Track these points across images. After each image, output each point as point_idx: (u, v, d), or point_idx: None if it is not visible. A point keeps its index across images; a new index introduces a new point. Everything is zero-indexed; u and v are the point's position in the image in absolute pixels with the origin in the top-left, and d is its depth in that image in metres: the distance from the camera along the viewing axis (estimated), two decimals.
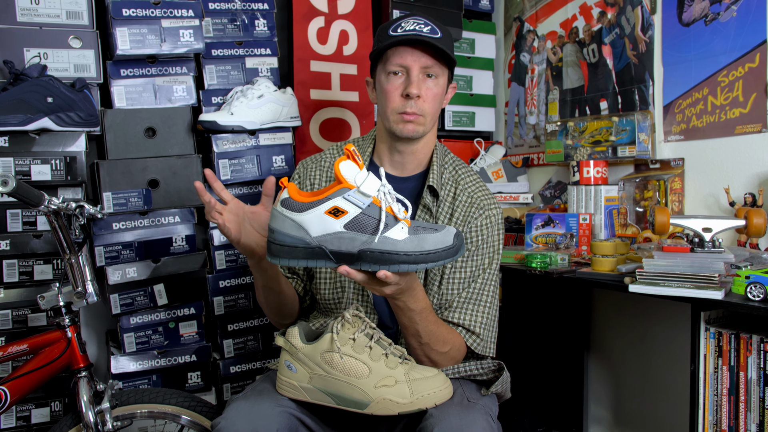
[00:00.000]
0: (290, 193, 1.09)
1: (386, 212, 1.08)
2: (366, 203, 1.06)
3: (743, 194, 1.76)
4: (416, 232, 1.09)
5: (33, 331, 1.71)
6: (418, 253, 1.07)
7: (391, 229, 1.07)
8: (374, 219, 1.07)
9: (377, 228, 1.07)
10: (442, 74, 1.42)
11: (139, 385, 1.87)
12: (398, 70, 1.40)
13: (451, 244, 1.09)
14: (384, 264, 1.07)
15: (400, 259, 1.07)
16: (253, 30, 2.01)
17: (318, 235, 1.07)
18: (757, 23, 1.76)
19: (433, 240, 1.08)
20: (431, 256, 1.08)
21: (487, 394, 1.37)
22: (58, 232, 1.42)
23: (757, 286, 1.33)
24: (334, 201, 1.06)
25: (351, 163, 1.07)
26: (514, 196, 2.41)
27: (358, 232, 1.07)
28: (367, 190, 1.07)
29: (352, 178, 1.07)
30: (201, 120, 1.88)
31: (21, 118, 1.62)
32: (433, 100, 1.41)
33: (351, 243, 1.07)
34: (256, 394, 1.30)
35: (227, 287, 1.97)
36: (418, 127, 1.41)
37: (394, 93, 1.40)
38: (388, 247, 1.07)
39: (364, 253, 1.07)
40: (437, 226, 1.13)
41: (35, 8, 1.73)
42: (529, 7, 2.53)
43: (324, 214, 1.06)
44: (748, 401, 1.38)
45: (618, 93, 2.16)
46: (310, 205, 1.06)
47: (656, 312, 2.08)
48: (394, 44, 1.38)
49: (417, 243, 1.07)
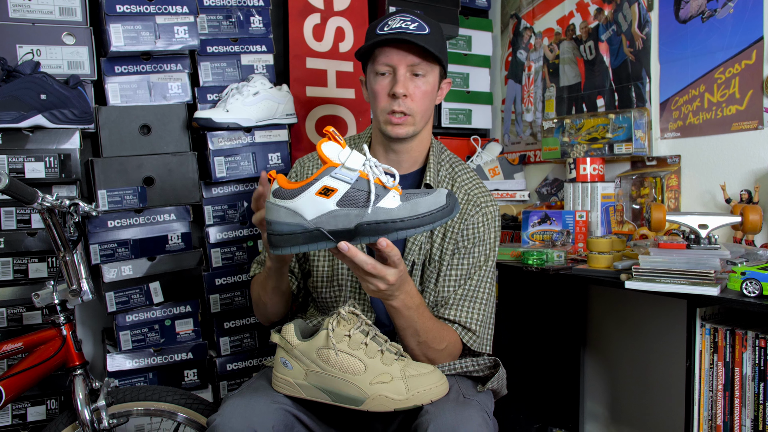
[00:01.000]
0: (280, 183, 1.10)
1: (375, 183, 1.09)
2: (353, 178, 1.07)
3: (739, 191, 1.76)
4: (408, 198, 1.10)
5: (28, 329, 1.71)
6: (414, 216, 1.08)
7: (383, 199, 1.08)
8: (364, 192, 1.08)
9: (368, 200, 1.08)
10: (431, 71, 1.41)
11: (136, 383, 1.87)
12: (385, 70, 1.39)
13: (444, 204, 1.10)
14: (382, 234, 1.09)
15: (397, 226, 1.08)
16: (249, 27, 2.00)
17: (313, 218, 1.08)
18: (754, 20, 1.76)
19: (426, 203, 1.09)
20: (427, 218, 1.09)
21: (483, 390, 1.37)
22: (53, 229, 1.41)
23: (752, 282, 1.34)
24: (323, 181, 1.07)
25: (333, 143, 1.09)
26: (511, 193, 2.41)
27: (351, 207, 1.08)
28: (353, 165, 1.08)
29: (336, 156, 1.08)
30: (196, 117, 1.87)
31: (14, 116, 1.61)
32: (422, 98, 1.40)
33: (346, 219, 1.08)
34: (251, 391, 1.29)
35: (223, 285, 1.97)
36: (408, 127, 1.40)
37: (382, 93, 1.40)
38: (382, 216, 1.08)
39: (361, 226, 1.08)
40: (428, 191, 1.14)
41: (28, 4, 1.72)
42: (525, 4, 2.53)
43: (315, 196, 1.07)
44: (743, 397, 1.38)
45: (615, 90, 2.16)
46: (301, 190, 1.08)
47: (652, 308, 2.09)
48: (378, 44, 1.38)
49: (411, 208, 1.09)
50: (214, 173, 1.91)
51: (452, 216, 1.12)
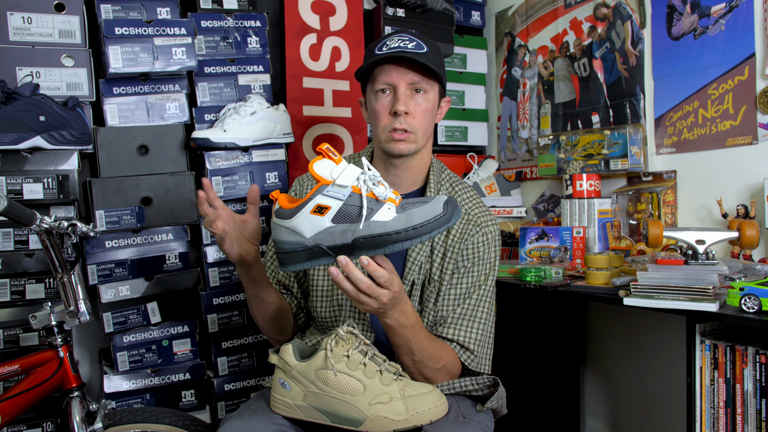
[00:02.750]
0: (281, 203, 1.12)
1: (368, 198, 1.09)
2: (346, 194, 1.09)
3: (736, 206, 1.77)
4: (404, 209, 1.11)
5: (25, 351, 1.70)
6: (410, 228, 1.09)
7: (377, 213, 1.09)
8: (357, 207, 1.09)
9: (360, 215, 1.09)
10: (431, 89, 1.42)
11: (133, 405, 1.85)
12: (385, 88, 1.40)
13: (441, 213, 1.10)
14: (379, 247, 1.09)
15: (393, 239, 1.09)
16: (246, 47, 2.02)
17: (312, 235, 1.10)
18: (746, 36, 1.78)
19: (421, 213, 1.09)
20: (423, 228, 1.09)
21: (483, 410, 1.36)
22: (50, 251, 1.41)
23: (751, 298, 1.34)
24: (316, 200, 1.09)
25: (326, 161, 1.10)
26: (508, 210, 2.41)
27: (346, 223, 1.09)
28: (344, 182, 1.09)
29: (329, 173, 1.09)
30: (194, 137, 1.88)
31: (13, 137, 1.62)
32: (423, 115, 1.41)
33: (343, 235, 1.10)
34: (250, 412, 1.28)
35: (221, 304, 1.96)
36: (410, 144, 1.40)
37: (383, 111, 1.40)
38: (377, 230, 1.09)
39: (357, 241, 1.09)
40: (426, 198, 1.14)
41: (28, 27, 1.73)
42: (519, 23, 2.55)
43: (310, 214, 1.09)
44: (745, 413, 1.38)
45: (609, 106, 2.17)
46: (297, 210, 1.10)
47: (651, 325, 2.08)
48: (378, 62, 1.39)
49: (405, 219, 1.09)
50: None
51: (451, 223, 1.11)
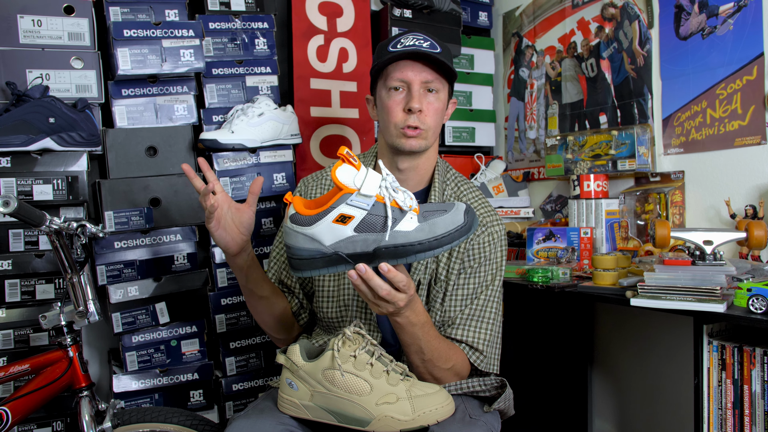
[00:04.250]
0: (296, 207, 1.10)
1: (392, 207, 1.08)
2: (370, 203, 1.07)
3: (744, 206, 1.76)
4: (426, 218, 1.09)
5: (35, 351, 1.71)
6: (432, 239, 1.08)
7: (401, 222, 1.08)
8: (381, 216, 1.08)
9: (386, 225, 1.07)
10: (443, 89, 1.43)
11: (141, 404, 1.86)
12: (399, 86, 1.40)
13: (462, 223, 1.09)
14: (401, 257, 1.08)
15: (416, 249, 1.08)
16: (253, 49, 2.03)
17: (331, 243, 1.08)
18: (754, 36, 1.77)
19: (443, 223, 1.09)
20: (445, 239, 1.08)
21: (490, 410, 1.36)
22: (60, 251, 1.42)
23: (759, 299, 1.33)
24: (339, 209, 1.06)
25: (347, 167, 1.07)
26: (515, 210, 2.41)
27: (369, 233, 1.08)
28: (368, 191, 1.07)
29: (351, 181, 1.07)
30: (202, 138, 1.89)
31: (23, 139, 1.64)
32: (435, 114, 1.42)
33: (365, 244, 1.08)
34: (257, 412, 1.29)
35: (229, 305, 1.97)
36: (421, 141, 1.41)
37: (396, 108, 1.41)
38: (400, 240, 1.07)
39: (380, 250, 1.08)
40: (446, 206, 1.13)
41: (38, 30, 1.75)
42: (527, 23, 2.55)
43: (332, 223, 1.07)
44: (752, 414, 1.37)
45: (617, 107, 2.17)
46: (318, 217, 1.07)
47: (659, 325, 2.07)
48: (395, 58, 1.39)
49: (429, 229, 1.08)
50: None
51: (470, 234, 1.11)
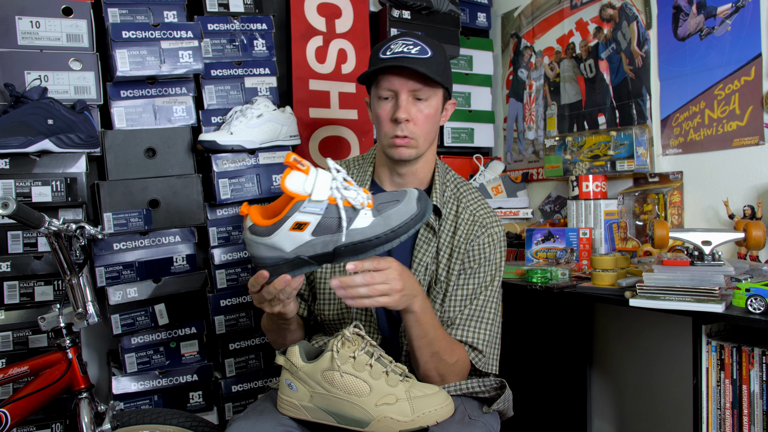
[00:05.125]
0: (253, 219, 1.09)
1: (345, 207, 1.09)
2: (323, 207, 1.08)
3: (742, 207, 1.76)
4: (380, 211, 1.12)
5: (34, 353, 1.71)
6: (389, 231, 1.11)
7: (356, 220, 1.10)
8: (336, 218, 1.10)
9: (340, 226, 1.09)
10: (434, 95, 1.41)
11: (141, 406, 1.86)
12: (387, 95, 1.40)
13: (416, 211, 1.12)
14: (360, 253, 1.11)
15: (373, 243, 1.11)
16: (252, 50, 2.03)
17: (292, 249, 1.10)
18: (752, 37, 1.77)
19: (397, 214, 1.11)
20: (401, 229, 1.11)
21: (489, 411, 1.36)
22: (59, 253, 1.42)
23: (757, 299, 1.33)
24: (294, 217, 1.07)
25: (296, 173, 1.07)
26: (514, 211, 2.41)
27: (326, 235, 1.10)
28: (319, 196, 1.07)
29: (301, 188, 1.07)
30: (201, 140, 1.89)
31: (22, 141, 1.64)
32: (425, 122, 1.40)
33: (324, 245, 1.10)
34: (257, 413, 1.29)
35: (228, 306, 1.97)
36: (411, 150, 1.41)
37: (385, 117, 1.41)
38: (358, 237, 1.10)
39: (339, 249, 1.10)
40: (398, 194, 1.15)
41: (36, 32, 1.75)
42: (525, 24, 2.55)
43: (289, 231, 1.08)
44: (751, 414, 1.37)
45: (615, 107, 2.17)
46: (275, 227, 1.08)
47: (658, 325, 2.08)
48: (379, 71, 1.39)
49: (384, 223, 1.11)
50: (219, 195, 1.93)
51: (426, 218, 1.14)
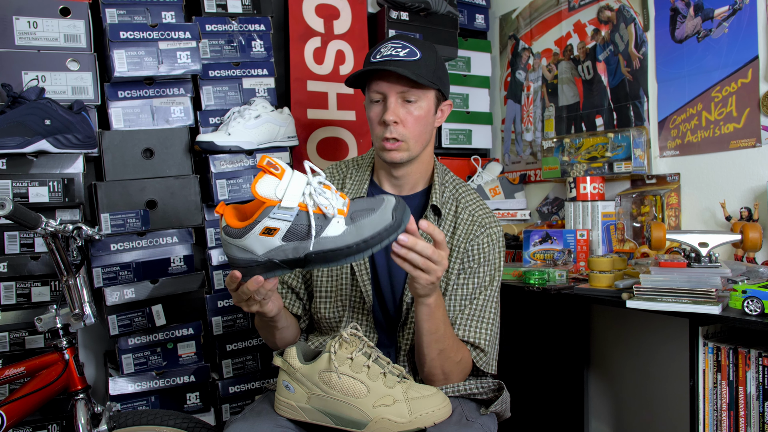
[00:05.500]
0: (227, 220, 1.08)
1: (315, 214, 1.06)
2: (293, 214, 1.05)
3: (739, 208, 1.77)
4: (354, 219, 1.08)
5: (30, 354, 1.71)
6: (360, 241, 1.07)
7: (327, 228, 1.07)
8: (306, 225, 1.07)
9: (309, 234, 1.07)
10: (424, 97, 1.40)
11: (138, 407, 1.86)
12: (378, 98, 1.41)
13: (390, 222, 1.08)
14: (331, 261, 1.08)
15: (344, 252, 1.07)
16: (250, 51, 2.03)
17: (263, 253, 1.08)
18: (749, 39, 1.78)
19: (371, 224, 1.08)
20: (374, 239, 1.08)
21: (487, 413, 1.36)
22: (56, 254, 1.42)
23: (754, 301, 1.33)
24: (263, 222, 1.05)
25: (268, 177, 1.05)
26: (512, 212, 2.41)
27: (296, 241, 1.07)
28: (290, 203, 1.04)
29: (273, 193, 1.04)
30: (198, 140, 1.89)
31: (19, 141, 1.63)
32: (415, 123, 1.40)
33: (295, 251, 1.08)
34: (254, 415, 1.29)
35: (226, 307, 1.97)
36: (402, 153, 1.41)
37: (375, 120, 1.41)
38: (329, 245, 1.07)
39: (310, 256, 1.08)
40: (375, 202, 1.11)
41: (33, 32, 1.75)
42: (523, 26, 2.56)
43: (260, 236, 1.06)
44: (747, 416, 1.37)
45: (613, 109, 2.17)
46: (245, 230, 1.06)
47: (655, 327, 2.08)
48: (367, 74, 1.39)
49: (356, 232, 1.07)
50: (216, 196, 1.92)
51: (401, 230, 1.10)
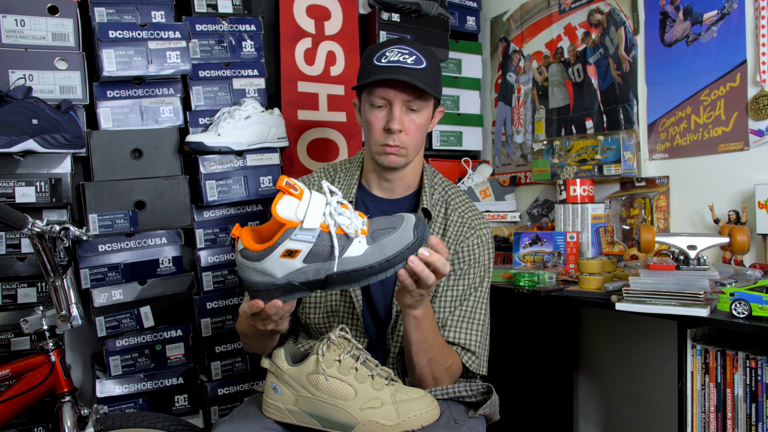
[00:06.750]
0: (245, 242, 1.06)
1: (337, 235, 1.05)
2: (314, 235, 1.03)
3: (727, 211, 1.78)
4: (375, 238, 1.07)
5: (16, 356, 1.69)
6: (383, 260, 1.06)
7: (349, 249, 1.05)
8: (328, 246, 1.05)
9: (332, 255, 1.05)
10: (426, 106, 1.40)
11: (125, 409, 1.85)
12: (381, 104, 1.39)
13: (412, 240, 1.07)
14: (354, 282, 1.07)
15: (366, 273, 1.06)
16: (241, 51, 2.02)
17: (283, 275, 1.06)
18: (737, 43, 1.79)
19: (393, 243, 1.07)
20: (396, 258, 1.07)
21: (475, 416, 1.36)
22: (42, 254, 1.41)
23: (741, 303, 1.34)
24: (285, 245, 1.03)
25: (288, 198, 1.03)
26: (502, 214, 2.42)
27: (318, 262, 1.05)
28: (311, 224, 1.03)
29: (293, 214, 1.03)
30: (188, 141, 1.88)
31: (5, 140, 1.62)
32: (416, 131, 1.40)
33: (316, 273, 1.06)
34: (242, 417, 1.28)
35: (215, 308, 1.96)
36: (401, 158, 1.40)
37: (377, 125, 1.40)
38: (351, 266, 1.05)
39: (332, 277, 1.06)
40: (395, 221, 1.10)
41: (21, 30, 1.73)
42: (514, 28, 2.56)
43: (280, 258, 1.04)
44: (735, 418, 1.38)
45: (603, 112, 2.18)
46: (265, 253, 1.04)
47: (644, 329, 2.09)
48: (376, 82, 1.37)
49: (378, 251, 1.06)
50: (206, 197, 1.91)
51: (423, 246, 1.10)
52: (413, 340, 1.28)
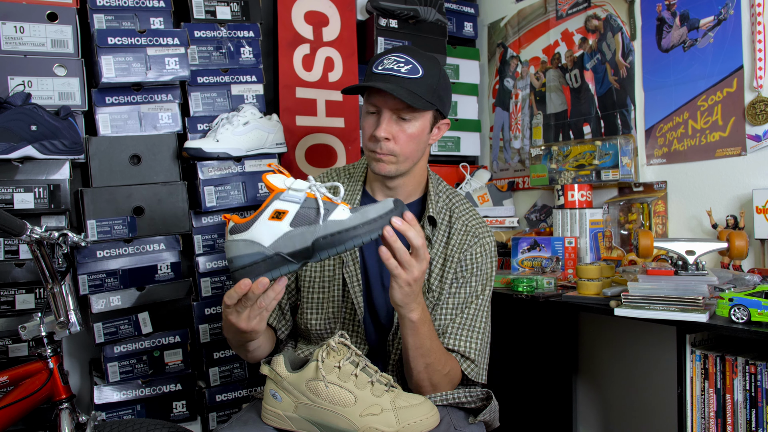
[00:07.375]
0: (235, 221, 1.13)
1: (323, 200, 1.13)
2: (302, 198, 1.12)
3: (725, 216, 1.78)
4: (357, 209, 1.14)
5: (14, 362, 1.68)
6: (365, 223, 1.12)
7: (333, 213, 1.12)
8: (314, 209, 1.12)
9: (318, 214, 1.11)
10: (419, 116, 1.38)
11: (123, 416, 1.84)
12: (373, 110, 1.40)
13: (392, 207, 1.14)
14: (339, 245, 1.11)
15: (350, 234, 1.11)
16: (239, 57, 2.02)
17: (271, 243, 1.10)
18: (734, 49, 1.80)
19: (374, 209, 1.13)
20: (378, 221, 1.12)
21: (475, 422, 1.36)
22: (41, 261, 1.40)
23: (740, 309, 1.34)
24: (273, 205, 1.11)
25: (279, 175, 1.14)
26: (500, 220, 2.42)
27: (304, 225, 1.11)
28: (299, 187, 1.12)
29: (282, 183, 1.13)
30: (186, 147, 1.88)
31: (4, 147, 1.61)
32: (407, 141, 1.38)
33: (302, 238, 1.11)
34: (241, 424, 1.28)
35: (213, 314, 1.95)
36: (390, 166, 1.39)
37: (367, 131, 1.40)
38: (336, 228, 1.11)
39: (317, 241, 1.11)
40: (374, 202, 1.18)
41: (20, 36, 1.73)
42: (512, 34, 2.57)
43: (268, 221, 1.10)
44: (735, 423, 1.38)
45: (600, 117, 2.19)
46: (254, 219, 1.11)
47: (643, 335, 2.09)
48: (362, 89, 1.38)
49: (361, 216, 1.12)
50: (204, 203, 1.91)
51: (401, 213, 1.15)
52: (410, 344, 1.28)
